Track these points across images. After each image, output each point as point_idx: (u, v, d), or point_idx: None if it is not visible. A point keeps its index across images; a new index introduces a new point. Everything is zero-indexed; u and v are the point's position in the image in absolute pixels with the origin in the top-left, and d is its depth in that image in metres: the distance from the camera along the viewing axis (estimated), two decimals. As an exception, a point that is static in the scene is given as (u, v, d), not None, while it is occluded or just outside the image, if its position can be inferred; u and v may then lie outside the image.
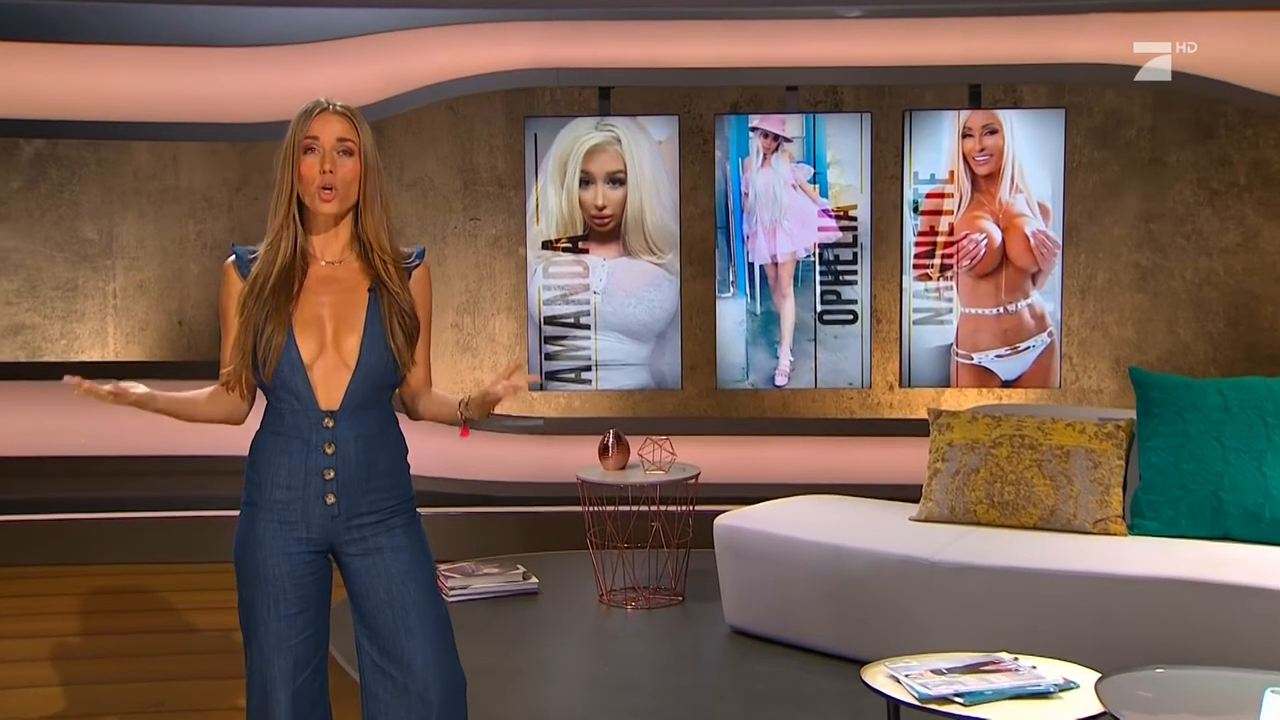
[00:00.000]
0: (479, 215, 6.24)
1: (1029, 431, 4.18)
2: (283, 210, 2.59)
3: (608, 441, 4.88)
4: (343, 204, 2.60)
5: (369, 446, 2.61)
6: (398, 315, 2.62)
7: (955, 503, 4.24)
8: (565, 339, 5.85)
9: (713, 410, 6.23)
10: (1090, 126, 6.02)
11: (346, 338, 2.59)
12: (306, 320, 2.59)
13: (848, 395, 6.16)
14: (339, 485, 2.58)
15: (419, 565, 2.66)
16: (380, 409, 2.65)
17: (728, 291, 5.82)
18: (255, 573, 2.60)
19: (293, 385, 2.57)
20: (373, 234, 2.63)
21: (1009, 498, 4.15)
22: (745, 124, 5.78)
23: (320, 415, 2.57)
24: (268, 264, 2.59)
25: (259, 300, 2.57)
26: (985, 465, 4.20)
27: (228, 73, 5.80)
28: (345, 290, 2.62)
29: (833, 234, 5.77)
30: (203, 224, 6.22)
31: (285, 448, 2.58)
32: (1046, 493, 4.10)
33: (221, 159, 6.21)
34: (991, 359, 5.71)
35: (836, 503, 4.70)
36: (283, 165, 2.58)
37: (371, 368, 2.60)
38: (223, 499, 5.40)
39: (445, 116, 6.19)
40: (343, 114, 2.60)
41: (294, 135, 2.58)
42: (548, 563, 5.41)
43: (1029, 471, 4.14)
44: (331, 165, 2.56)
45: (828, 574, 4.13)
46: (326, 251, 2.65)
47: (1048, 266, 5.62)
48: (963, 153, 5.67)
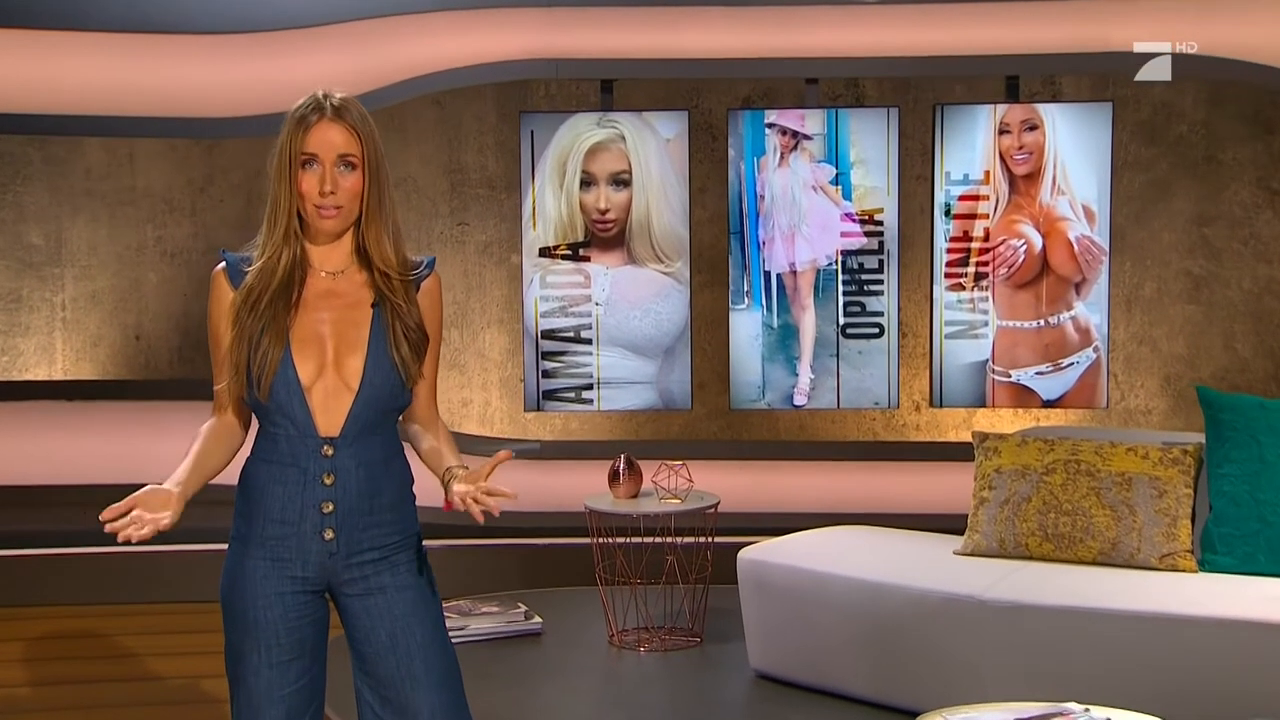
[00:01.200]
0: (467, 220, 6.22)
1: (1085, 456, 4.15)
2: (281, 224, 2.56)
3: (618, 467, 4.85)
4: (344, 222, 2.58)
5: (372, 476, 2.58)
6: (403, 331, 2.59)
7: (1005, 535, 4.21)
8: (564, 355, 5.83)
9: (723, 432, 6.21)
10: (1137, 121, 6.02)
11: (348, 358, 2.56)
12: (305, 338, 2.56)
13: (870, 416, 6.15)
14: (338, 519, 2.55)
15: (426, 606, 2.63)
16: (385, 435, 2.62)
17: (742, 303, 5.82)
18: (245, 615, 2.56)
19: (289, 409, 2.54)
20: (376, 245, 2.60)
21: (1065, 530, 4.12)
22: (761, 120, 5.77)
23: (319, 442, 2.54)
24: (267, 275, 2.56)
25: (254, 313, 2.54)
26: (1038, 494, 4.17)
27: (190, 62, 5.79)
28: (347, 305, 2.60)
29: (857, 240, 5.77)
30: (162, 229, 6.19)
31: (279, 477, 2.55)
32: (1107, 524, 4.07)
33: (184, 157, 6.18)
34: (1031, 376, 5.69)
35: (872, 534, 4.67)
36: (278, 177, 2.55)
37: (376, 390, 2.57)
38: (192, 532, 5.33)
39: (431, 111, 6.17)
40: (342, 122, 2.53)
41: (289, 146, 2.53)
42: (551, 600, 5.38)
43: (1086, 501, 4.11)
44: (333, 185, 2.52)
45: (864, 613, 4.09)
46: (327, 262, 2.62)
47: (1093, 275, 5.61)
48: (999, 151, 5.66)
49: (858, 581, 4.12)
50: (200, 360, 6.17)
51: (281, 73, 5.72)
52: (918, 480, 5.91)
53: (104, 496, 5.64)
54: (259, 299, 2.54)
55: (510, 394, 6.19)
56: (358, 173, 2.54)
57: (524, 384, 5.90)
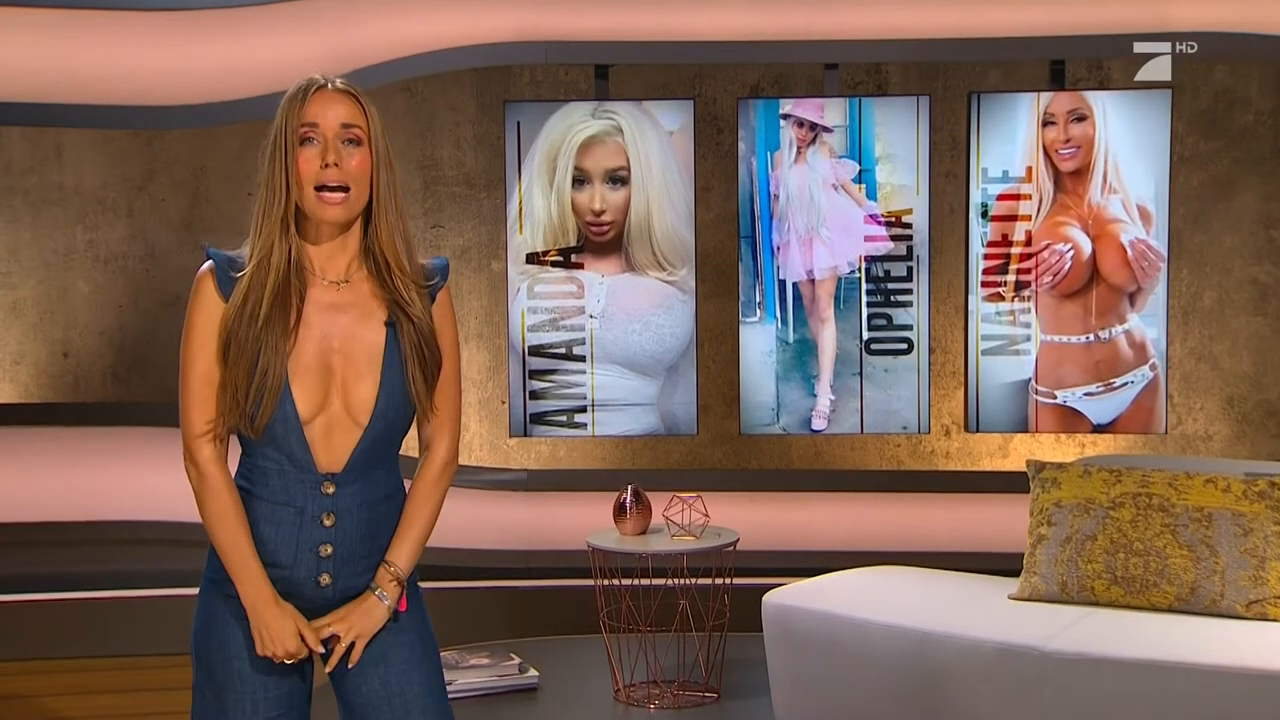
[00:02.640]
0: (443, 222, 6.21)
1: (1158, 489, 4.15)
2: (276, 219, 2.50)
3: (625, 500, 4.84)
4: (350, 210, 2.53)
5: (373, 516, 2.58)
6: (420, 353, 2.55)
7: (1067, 577, 4.20)
8: (555, 374, 5.80)
9: (728, 460, 6.20)
10: (1196, 111, 6.03)
11: (357, 387, 2.53)
12: (307, 363, 2.51)
13: (894, 443, 6.14)
14: (336, 563, 2.55)
15: (424, 656, 2.64)
16: (387, 467, 2.61)
17: (753, 315, 5.80)
18: (223, 668, 2.56)
19: (285, 445, 2.50)
20: (389, 246, 2.56)
21: (1136, 572, 4.12)
22: (775, 110, 5.76)
23: (318, 479, 2.52)
24: (259, 284, 2.48)
25: (250, 332, 2.47)
26: (1104, 531, 4.17)
27: (127, 42, 5.74)
28: (356, 321, 2.55)
29: (882, 245, 5.75)
30: (95, 231, 6.16)
31: (272, 516, 2.53)
32: (1184, 566, 4.07)
33: (120, 150, 6.15)
34: (1079, 398, 5.68)
35: (913, 576, 4.68)
36: (271, 162, 2.50)
37: (388, 424, 2.55)
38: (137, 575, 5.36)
39: (401, 100, 6.16)
40: (346, 93, 2.53)
41: (284, 123, 2.50)
42: (548, 650, 5.37)
43: (1160, 539, 4.11)
44: (336, 157, 2.48)
45: (908, 665, 4.08)
46: (329, 269, 2.57)
47: (1149, 284, 5.60)
48: (1043, 144, 5.65)
49: (901, 630, 4.11)
50: (137, 380, 6.13)
51: (231, 55, 5.68)
52: (949, 515, 5.90)
53: (26, 536, 5.56)
54: (254, 313, 2.47)
55: (492, 418, 6.14)
56: (364, 150, 2.50)
57: (508, 406, 5.85)
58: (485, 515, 5.91)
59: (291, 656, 2.50)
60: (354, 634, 2.52)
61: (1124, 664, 3.76)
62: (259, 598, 2.48)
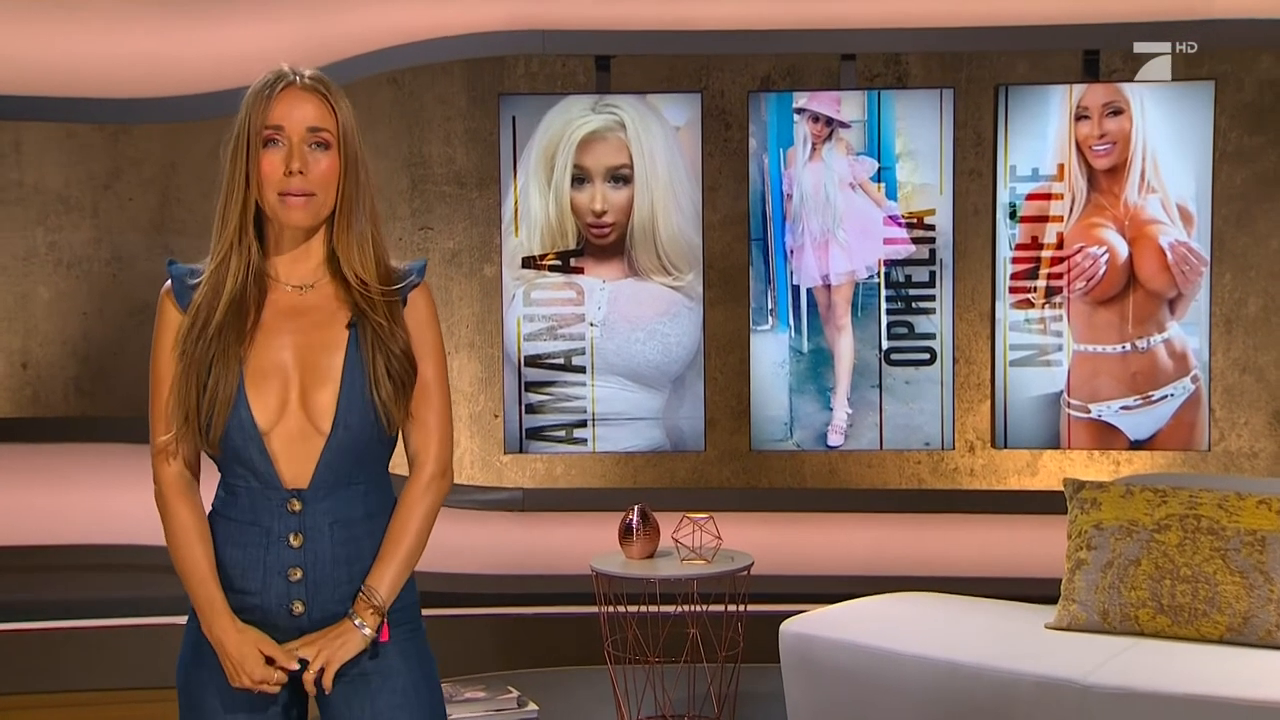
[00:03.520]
0: (431, 224, 6.19)
1: (1206, 510, 4.15)
2: (234, 221, 2.54)
3: (632, 521, 4.86)
4: (316, 215, 2.56)
5: (350, 537, 2.57)
6: (384, 356, 2.56)
7: (1109, 605, 4.21)
8: (552, 386, 5.80)
9: (737, 478, 6.21)
10: (1239, 103, 6.03)
11: (317, 393, 2.55)
12: (264, 369, 2.53)
13: (915, 459, 6.13)
14: (308, 589, 2.55)
15: (419, 696, 2.63)
16: (368, 484, 2.61)
17: (765, 323, 5.80)
18: (201, 703, 2.56)
19: (245, 457, 2.53)
20: (351, 254, 2.58)
21: (1184, 600, 4.12)
22: (788, 104, 5.76)
23: (284, 496, 2.54)
24: (213, 291, 2.53)
25: (201, 340, 2.51)
26: (1148, 555, 4.17)
27: (92, 31, 5.72)
28: (316, 326, 2.58)
29: (903, 248, 5.76)
30: (56, 233, 6.14)
31: (238, 538, 2.56)
32: (1236, 594, 4.08)
33: (83, 146, 6.13)
34: (1114, 412, 5.67)
35: (941, 603, 4.72)
36: (232, 161, 2.54)
37: (351, 432, 2.55)
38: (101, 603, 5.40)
39: (387, 93, 6.15)
40: (314, 91, 2.55)
41: (248, 121, 2.53)
42: (548, 682, 5.38)
43: (1210, 565, 4.11)
44: (301, 164, 2.51)
45: (938, 699, 4.09)
46: (293, 274, 2.61)
47: (1191, 290, 5.60)
48: (1076, 140, 5.65)
49: (930, 661, 4.13)
50: (102, 394, 6.12)
51: (205, 44, 5.67)
52: (975, 537, 5.90)
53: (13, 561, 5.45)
54: (207, 321, 2.51)
55: (484, 433, 6.12)
56: (332, 154, 2.53)
57: (502, 420, 5.84)
58: (477, 538, 5.90)
59: (263, 683, 2.48)
60: (322, 659, 2.50)
61: (1172, 699, 3.76)
62: (216, 624, 2.50)
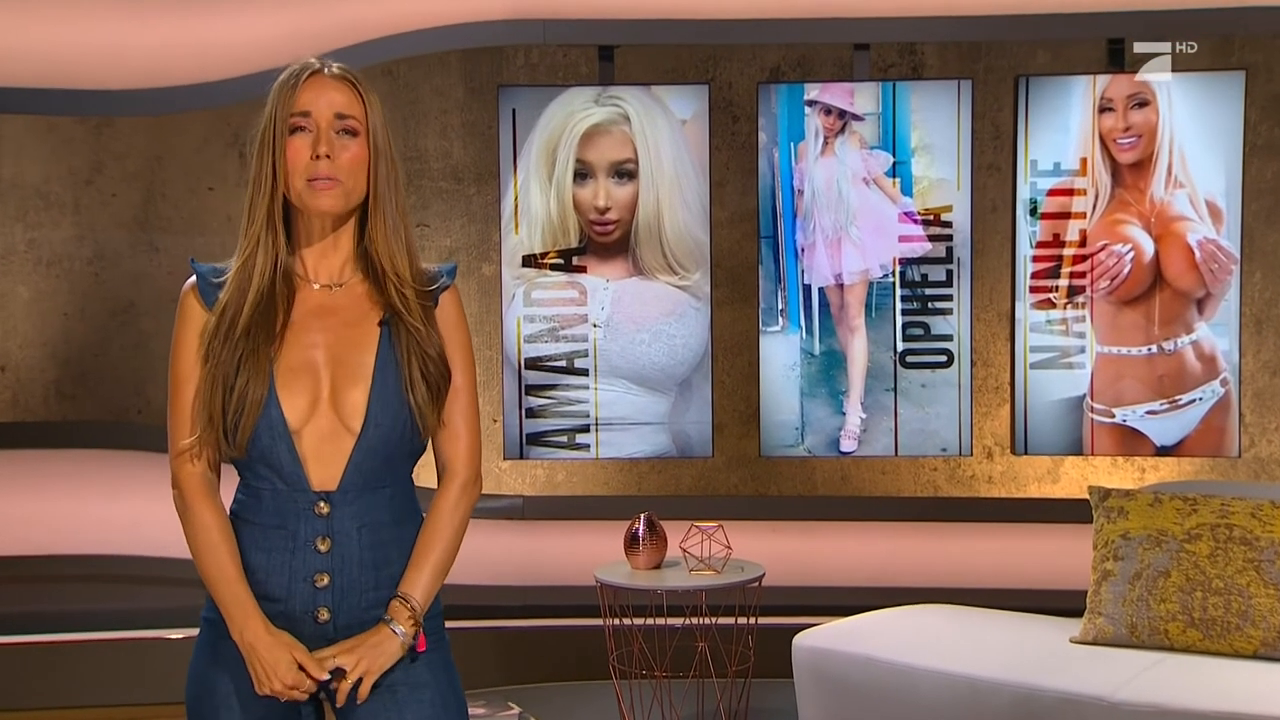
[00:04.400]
0: (427, 220, 6.21)
1: (1239, 520, 4.15)
2: (261, 214, 2.57)
3: (638, 530, 4.87)
4: (346, 200, 2.58)
5: (378, 541, 2.60)
6: (419, 359, 2.59)
7: (1137, 619, 4.21)
8: (554, 389, 5.81)
9: (746, 485, 6.22)
10: (1269, 94, 6.02)
11: (349, 392, 2.57)
12: (294, 368, 2.56)
13: (931, 466, 6.12)
14: (335, 596, 2.55)
15: (448, 710, 2.63)
16: (396, 488, 2.63)
17: (775, 324, 5.82)
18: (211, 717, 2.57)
19: (273, 458, 2.54)
20: (385, 248, 2.62)
21: (1215, 613, 4.13)
22: (799, 96, 5.78)
23: (311, 498, 2.56)
24: (239, 290, 2.56)
25: (229, 341, 2.53)
26: (1178, 567, 4.17)
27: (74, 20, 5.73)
28: (347, 325, 2.61)
29: (919, 245, 5.77)
30: (36, 230, 6.14)
31: (262, 542, 2.56)
32: (1271, 607, 4.10)
33: (66, 140, 6.13)
34: (1140, 417, 5.68)
35: (961, 616, 4.72)
36: (260, 152, 2.57)
37: (381, 431, 2.57)
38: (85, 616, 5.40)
39: (381, 85, 6.14)
40: (343, 79, 2.60)
41: (275, 110, 2.56)
42: (550, 698, 5.40)
43: (1243, 577, 4.12)
44: (329, 148, 2.54)
45: (958, 716, 4.10)
46: (321, 271, 2.64)
47: (1220, 289, 5.61)
48: (1099, 134, 5.65)
49: (950, 676, 4.14)
50: (84, 398, 6.12)
51: (191, 33, 5.70)
52: (994, 547, 5.92)
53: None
54: (234, 322, 2.53)
55: (483, 438, 6.09)
56: (360, 142, 2.56)
57: (501, 425, 5.85)
58: (476, 547, 5.75)
59: (292, 690, 2.47)
60: (362, 668, 2.50)
61: (1203, 717, 3.76)
62: (248, 627, 2.49)
